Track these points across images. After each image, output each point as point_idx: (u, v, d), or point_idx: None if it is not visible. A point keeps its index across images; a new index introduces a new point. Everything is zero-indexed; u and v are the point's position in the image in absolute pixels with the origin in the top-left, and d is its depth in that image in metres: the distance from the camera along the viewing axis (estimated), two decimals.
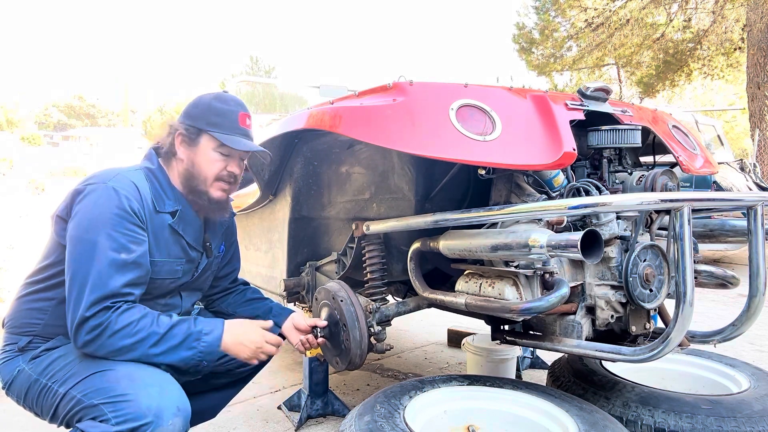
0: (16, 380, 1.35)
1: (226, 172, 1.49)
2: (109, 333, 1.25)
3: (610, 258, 1.53)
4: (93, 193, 1.33)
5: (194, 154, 1.46)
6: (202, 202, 1.49)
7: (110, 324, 1.24)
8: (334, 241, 2.17)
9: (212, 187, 1.48)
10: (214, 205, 1.51)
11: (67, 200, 1.36)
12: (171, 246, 1.46)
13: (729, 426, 1.52)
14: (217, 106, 1.47)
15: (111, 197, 1.32)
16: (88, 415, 1.22)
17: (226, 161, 1.48)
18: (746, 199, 1.46)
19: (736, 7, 10.56)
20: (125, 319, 1.26)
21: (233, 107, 1.49)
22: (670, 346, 1.29)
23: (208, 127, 1.45)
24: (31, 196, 16.01)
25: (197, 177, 1.47)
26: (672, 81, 12.71)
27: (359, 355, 1.65)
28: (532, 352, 2.88)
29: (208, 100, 1.49)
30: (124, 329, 1.25)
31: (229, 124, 1.47)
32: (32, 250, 6.90)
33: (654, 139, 1.87)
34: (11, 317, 1.41)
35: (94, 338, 1.24)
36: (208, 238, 1.61)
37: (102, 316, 1.24)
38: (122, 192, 1.34)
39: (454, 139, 1.37)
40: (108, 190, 1.33)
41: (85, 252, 1.27)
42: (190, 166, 1.47)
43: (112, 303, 1.26)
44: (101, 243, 1.28)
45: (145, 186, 1.41)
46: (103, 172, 1.40)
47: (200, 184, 1.47)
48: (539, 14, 13.24)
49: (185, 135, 1.46)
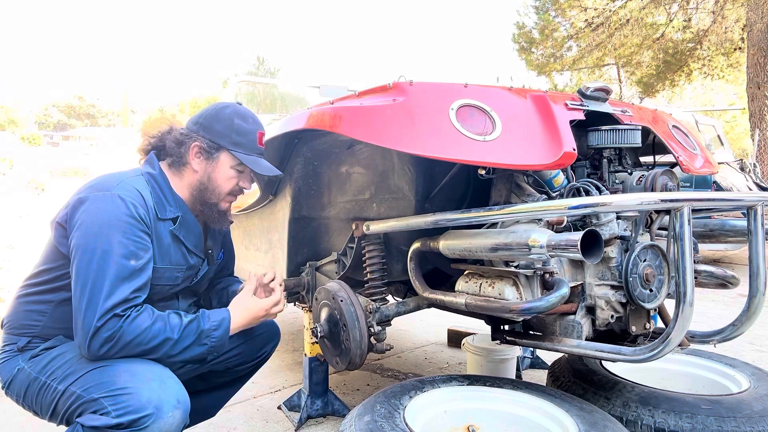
0: (16, 379, 1.36)
1: (238, 187, 1.57)
2: (122, 344, 1.25)
3: (610, 258, 1.53)
4: (98, 201, 1.32)
5: (212, 169, 1.51)
6: (212, 214, 1.54)
7: (123, 335, 1.25)
8: (334, 241, 2.17)
9: (223, 201, 1.55)
10: (222, 216, 1.57)
11: (69, 208, 1.35)
12: (172, 253, 1.46)
13: (729, 426, 1.52)
14: (239, 125, 1.51)
15: (118, 205, 1.32)
16: (88, 410, 1.23)
17: (239, 177, 1.55)
18: (746, 199, 1.46)
19: (736, 7, 10.56)
20: (137, 327, 1.26)
21: (253, 126, 1.54)
22: (670, 346, 1.29)
23: (231, 147, 1.50)
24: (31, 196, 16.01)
25: (212, 191, 1.52)
26: (672, 81, 12.71)
27: (359, 355, 1.65)
28: (532, 352, 2.88)
29: (229, 117, 1.51)
30: (137, 338, 1.26)
31: (250, 144, 1.52)
32: (32, 250, 6.90)
33: (654, 139, 1.87)
34: (10, 318, 1.41)
35: (108, 350, 1.25)
36: (210, 245, 1.63)
37: (114, 326, 1.24)
38: (128, 200, 1.33)
39: (454, 139, 1.37)
40: (114, 198, 1.32)
41: (93, 260, 1.26)
42: (206, 179, 1.51)
43: (123, 311, 1.25)
44: (110, 251, 1.27)
45: (147, 192, 1.41)
46: (104, 179, 1.39)
47: (212, 198, 1.53)
48: (539, 14, 13.24)
49: (204, 149, 1.49)
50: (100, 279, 1.25)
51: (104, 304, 1.23)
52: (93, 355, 1.25)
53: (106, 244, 1.27)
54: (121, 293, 1.26)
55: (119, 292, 1.25)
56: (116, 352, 1.25)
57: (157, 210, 1.42)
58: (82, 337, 1.24)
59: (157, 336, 1.28)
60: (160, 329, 1.29)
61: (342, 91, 3.99)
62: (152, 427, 1.18)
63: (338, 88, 4.16)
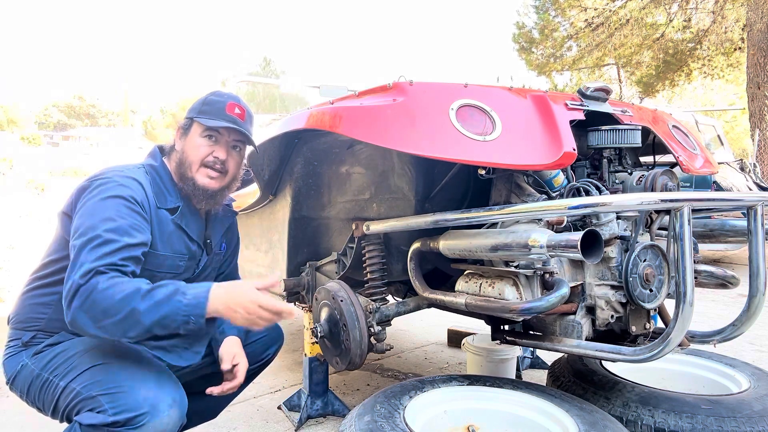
0: (20, 375, 1.37)
1: (212, 158, 1.50)
2: (96, 292, 1.19)
3: (610, 258, 1.53)
4: (99, 186, 1.36)
5: (185, 143, 1.53)
6: (188, 189, 1.50)
7: (98, 285, 1.19)
8: (334, 241, 2.17)
9: (198, 173, 1.49)
10: (199, 192, 1.50)
11: (73, 197, 1.40)
12: (174, 241, 1.48)
13: (729, 426, 1.52)
14: (209, 97, 1.55)
15: (117, 189, 1.36)
16: (87, 407, 1.23)
17: (212, 147, 1.51)
18: (746, 199, 1.46)
19: (736, 7, 10.56)
20: (113, 282, 1.21)
21: (224, 98, 1.54)
22: (670, 346, 1.29)
23: (197, 115, 1.51)
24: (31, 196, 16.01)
25: (185, 163, 1.51)
26: (672, 81, 12.71)
27: (359, 355, 1.65)
28: (532, 352, 2.88)
29: (205, 95, 1.56)
30: (109, 290, 1.19)
31: (216, 112, 1.51)
32: (32, 250, 6.90)
33: (654, 139, 1.87)
34: (16, 312, 1.44)
35: (83, 301, 1.19)
36: (209, 235, 1.62)
37: (93, 279, 1.20)
38: (127, 185, 1.38)
39: (454, 139, 1.37)
40: (113, 182, 1.37)
41: (88, 230, 1.27)
42: (182, 154, 1.52)
43: (106, 269, 1.22)
44: (104, 225, 1.28)
45: (146, 182, 1.45)
46: (106, 170, 1.44)
47: (187, 171, 1.50)
48: (539, 14, 13.24)
49: (181, 127, 1.55)
50: (88, 244, 1.25)
51: (89, 266, 1.21)
52: (70, 309, 1.20)
53: (100, 221, 1.28)
54: (108, 259, 1.24)
55: (107, 258, 1.23)
56: (90, 303, 1.18)
57: (156, 199, 1.45)
58: (65, 294, 1.21)
59: (127, 288, 1.20)
60: (131, 285, 1.22)
61: (342, 91, 3.98)
62: (148, 426, 1.19)
63: (338, 88, 4.15)
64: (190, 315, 1.22)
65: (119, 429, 1.18)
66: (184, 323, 1.22)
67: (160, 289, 1.22)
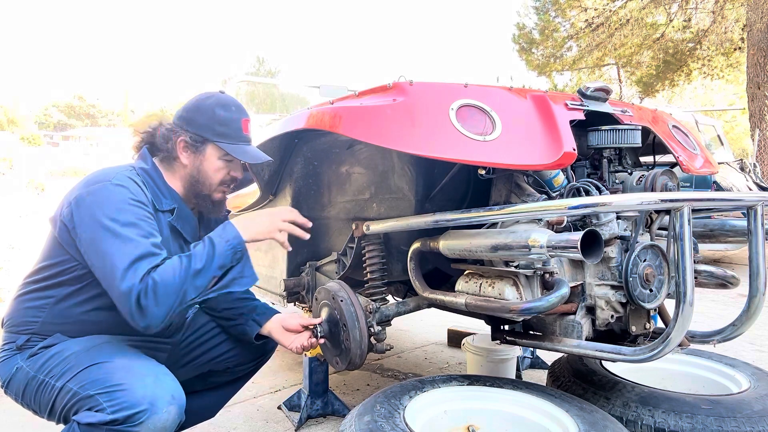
0: (15, 378, 1.36)
1: (230, 177, 1.56)
2: (158, 286, 1.24)
3: (610, 258, 1.53)
4: (99, 192, 1.33)
5: (200, 162, 1.51)
6: (206, 205, 1.56)
7: (155, 278, 1.24)
8: (334, 241, 2.17)
9: (215, 192, 1.56)
10: (216, 207, 1.59)
11: (70, 207, 1.34)
12: (171, 244, 1.47)
13: (729, 426, 1.52)
14: (220, 114, 1.49)
15: (119, 191, 1.33)
16: (85, 406, 1.23)
17: (229, 167, 1.55)
18: (746, 199, 1.46)
19: (736, 7, 10.56)
20: (162, 269, 1.27)
21: (236, 114, 1.52)
22: (670, 346, 1.29)
23: (215, 138, 1.49)
24: (31, 196, 16.02)
25: (203, 183, 1.52)
26: (672, 81, 12.71)
27: (359, 355, 1.65)
28: (532, 352, 2.88)
29: (211, 108, 1.50)
30: (165, 276, 1.25)
31: (234, 134, 1.51)
32: (32, 250, 6.90)
33: (654, 139, 1.87)
34: (10, 316, 1.42)
35: (155, 298, 1.23)
36: (203, 235, 1.62)
37: (146, 278, 1.24)
38: (128, 186, 1.36)
39: (454, 139, 1.37)
40: (114, 186, 1.34)
41: (108, 238, 1.27)
42: (196, 172, 1.51)
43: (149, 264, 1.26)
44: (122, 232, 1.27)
45: (142, 185, 1.42)
46: (97, 174, 1.40)
47: (204, 189, 1.54)
48: (539, 14, 13.25)
49: (190, 143, 1.49)
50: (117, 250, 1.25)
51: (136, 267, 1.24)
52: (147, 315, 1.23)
53: (115, 225, 1.28)
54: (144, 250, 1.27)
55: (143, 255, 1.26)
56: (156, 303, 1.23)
57: (154, 202, 1.44)
58: (125, 303, 1.23)
59: (175, 266, 1.28)
60: (173, 260, 1.30)
61: (342, 91, 3.99)
62: (147, 423, 1.19)
63: (338, 88, 4.16)
64: (235, 247, 1.37)
65: (118, 427, 1.18)
66: (233, 256, 1.37)
67: (195, 249, 1.34)
